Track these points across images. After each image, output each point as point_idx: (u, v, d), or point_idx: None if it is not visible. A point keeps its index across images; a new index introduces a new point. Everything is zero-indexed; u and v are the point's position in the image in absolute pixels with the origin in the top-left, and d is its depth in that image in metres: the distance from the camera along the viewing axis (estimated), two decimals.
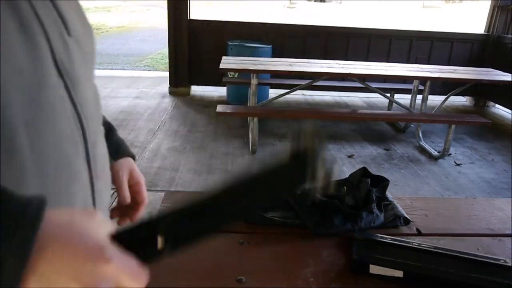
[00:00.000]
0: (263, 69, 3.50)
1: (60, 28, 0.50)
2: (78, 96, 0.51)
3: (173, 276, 0.88)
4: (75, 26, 0.53)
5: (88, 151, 0.53)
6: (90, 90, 0.56)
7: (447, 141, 3.48)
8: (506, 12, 5.19)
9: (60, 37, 0.49)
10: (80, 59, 0.53)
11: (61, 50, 0.49)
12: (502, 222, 1.18)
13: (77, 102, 0.51)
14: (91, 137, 0.53)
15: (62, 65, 0.49)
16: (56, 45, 0.48)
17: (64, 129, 0.48)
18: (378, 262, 0.90)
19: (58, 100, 0.48)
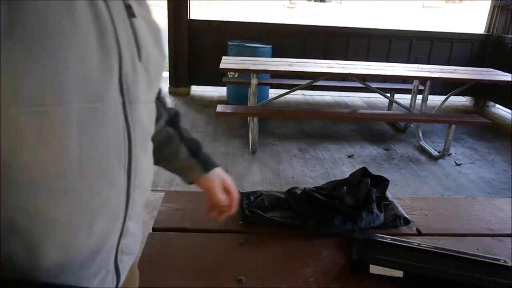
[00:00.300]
0: (263, 69, 3.50)
1: (133, 52, 0.55)
2: (133, 114, 0.56)
3: (173, 276, 0.88)
4: (148, 54, 0.59)
5: (131, 164, 0.57)
6: (146, 111, 0.61)
7: (447, 141, 3.48)
8: (506, 12, 5.19)
9: (131, 60, 0.55)
10: (144, 83, 0.58)
11: (128, 72, 0.54)
12: (502, 222, 1.18)
13: (130, 119, 0.55)
14: (136, 152, 0.58)
15: (126, 84, 0.54)
16: (126, 66, 0.53)
17: (112, 140, 0.53)
18: (378, 262, 0.90)
19: (113, 114, 0.53)
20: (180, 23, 4.85)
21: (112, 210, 0.57)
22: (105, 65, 0.50)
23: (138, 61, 0.56)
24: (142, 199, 0.66)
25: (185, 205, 1.18)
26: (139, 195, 0.62)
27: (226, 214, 0.90)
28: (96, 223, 0.54)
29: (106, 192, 0.54)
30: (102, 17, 0.50)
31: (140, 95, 0.57)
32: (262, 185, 2.85)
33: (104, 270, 0.60)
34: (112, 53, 0.51)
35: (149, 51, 0.59)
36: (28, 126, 0.45)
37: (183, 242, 1.01)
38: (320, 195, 1.12)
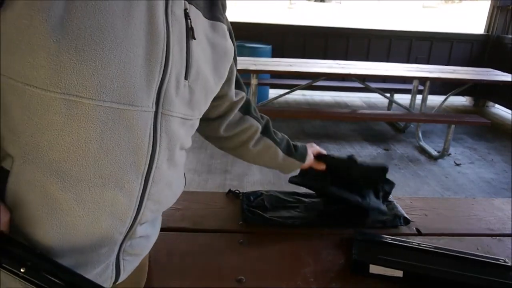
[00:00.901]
0: (263, 69, 3.49)
1: (180, 70, 0.57)
2: (163, 125, 0.57)
3: (173, 276, 0.88)
4: (198, 75, 0.61)
5: (150, 173, 0.58)
6: (182, 126, 0.62)
7: (446, 141, 3.48)
8: (506, 12, 5.20)
9: (176, 76, 0.57)
10: (185, 100, 0.60)
11: (169, 86, 0.56)
12: (501, 222, 1.18)
13: (159, 129, 0.57)
14: (159, 163, 0.59)
15: (163, 97, 0.56)
16: (168, 80, 0.55)
17: (134, 145, 0.55)
18: (378, 262, 0.90)
19: (141, 120, 0.54)
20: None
21: (120, 212, 0.57)
22: (147, 74, 0.53)
23: (184, 79, 0.58)
24: (158, 209, 0.66)
25: (185, 205, 1.18)
26: (153, 206, 0.62)
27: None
28: (101, 217, 0.56)
29: (117, 192, 0.55)
30: (158, 31, 0.53)
31: (176, 109, 0.59)
32: (262, 185, 2.85)
33: (104, 264, 0.61)
34: (156, 65, 0.53)
35: (200, 72, 0.61)
36: (59, 111, 0.48)
37: (183, 242, 1.01)
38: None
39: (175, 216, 1.12)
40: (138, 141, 0.55)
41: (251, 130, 0.93)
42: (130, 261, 0.66)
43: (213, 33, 0.65)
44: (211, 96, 0.70)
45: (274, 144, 0.98)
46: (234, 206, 1.19)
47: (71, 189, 0.52)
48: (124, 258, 0.64)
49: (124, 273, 0.66)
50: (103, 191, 0.54)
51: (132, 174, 0.56)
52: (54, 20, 0.45)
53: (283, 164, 1.02)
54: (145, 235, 0.67)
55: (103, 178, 0.54)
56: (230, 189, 1.27)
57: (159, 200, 0.63)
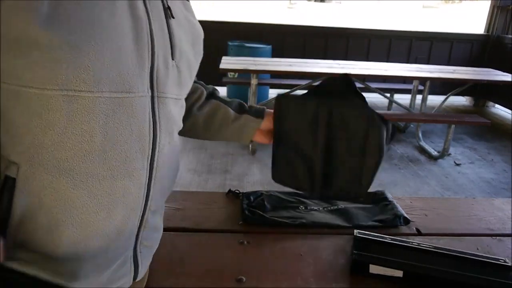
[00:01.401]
0: (263, 69, 3.49)
1: (166, 51, 0.59)
2: (160, 108, 0.59)
3: (173, 276, 0.88)
4: (182, 53, 0.63)
5: (154, 157, 0.59)
6: (175, 106, 0.64)
7: (446, 141, 3.48)
8: (506, 12, 5.20)
9: (164, 58, 0.58)
10: (174, 80, 0.61)
11: (160, 68, 0.57)
12: (501, 222, 1.18)
13: (157, 113, 0.58)
14: (160, 146, 0.60)
15: (156, 80, 0.57)
16: (158, 63, 0.57)
17: (137, 131, 0.55)
18: (378, 262, 0.90)
19: (140, 106, 0.55)
20: None
21: (132, 201, 0.58)
22: (138, 60, 0.54)
23: (171, 59, 0.60)
24: (164, 194, 0.67)
25: (185, 205, 1.18)
26: (160, 189, 0.63)
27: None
28: (115, 209, 0.56)
29: (127, 181, 0.56)
30: (139, 17, 0.54)
31: (169, 91, 0.60)
32: (262, 185, 2.85)
33: (122, 257, 0.61)
34: (145, 50, 0.54)
35: (182, 50, 0.63)
36: (60, 108, 0.48)
37: (183, 242, 1.01)
38: None
39: (175, 216, 1.12)
40: (140, 127, 0.56)
41: (196, 94, 0.88)
42: (145, 254, 0.67)
43: (186, 11, 0.68)
44: (194, 73, 0.71)
45: (222, 104, 0.90)
46: (234, 206, 1.19)
47: (82, 186, 0.52)
48: (141, 251, 0.65)
49: (142, 267, 0.67)
50: (114, 182, 0.55)
51: (139, 161, 0.57)
52: (42, 18, 0.45)
53: (237, 127, 0.88)
54: (155, 226, 0.68)
55: (112, 170, 0.54)
56: (230, 189, 1.27)
57: (164, 184, 0.64)
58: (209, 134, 0.90)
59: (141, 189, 0.58)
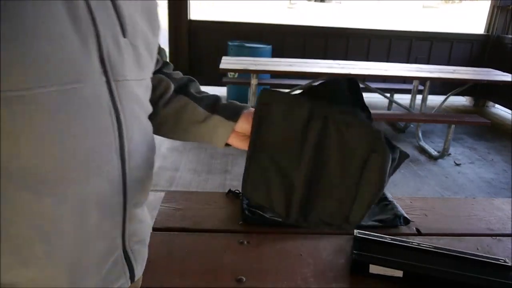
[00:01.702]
0: (263, 69, 3.50)
1: (115, 29, 0.52)
2: (120, 94, 0.53)
3: (173, 276, 0.88)
4: (135, 29, 0.56)
5: (123, 147, 0.54)
6: (139, 88, 0.59)
7: (446, 141, 3.48)
8: (506, 12, 5.19)
9: (113, 37, 0.52)
10: (132, 60, 0.56)
11: (110, 49, 0.51)
12: (501, 222, 1.18)
13: (117, 99, 0.53)
14: (128, 134, 0.55)
15: (109, 64, 0.51)
16: (106, 45, 0.51)
17: (97, 123, 0.50)
18: (378, 262, 0.90)
19: (96, 95, 0.50)
20: (180, 23, 4.85)
21: (106, 199, 0.53)
22: (81, 44, 0.48)
23: (123, 38, 0.54)
24: (143, 184, 0.62)
25: (185, 205, 1.18)
26: (137, 180, 0.59)
27: None
28: (89, 211, 0.52)
29: (98, 180, 0.52)
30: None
31: (127, 73, 0.55)
32: None
33: (110, 262, 0.58)
34: (87, 31, 0.48)
35: (136, 26, 0.57)
36: (5, 114, 0.43)
37: (183, 242, 1.01)
38: None
39: (175, 216, 1.12)
40: (100, 118, 0.51)
41: (160, 88, 0.75)
42: (138, 250, 0.64)
43: None
44: (154, 51, 0.65)
45: (191, 101, 0.75)
46: (234, 206, 1.19)
47: (49, 194, 0.47)
48: (132, 248, 0.62)
49: (137, 265, 0.64)
50: (83, 183, 0.50)
51: (106, 156, 0.52)
52: None
53: (207, 129, 0.75)
54: (141, 220, 0.65)
55: (78, 171, 0.49)
56: (230, 189, 1.27)
57: (140, 174, 0.60)
58: (177, 135, 0.79)
59: (115, 186, 0.54)
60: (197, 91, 0.79)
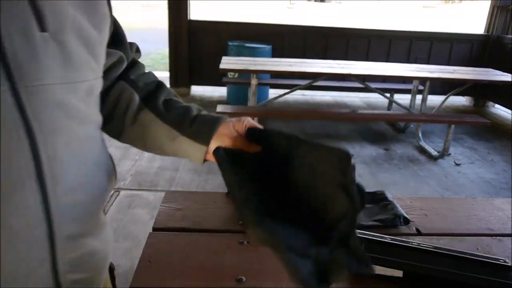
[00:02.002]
0: (263, 69, 3.50)
1: (27, 23, 0.43)
2: (34, 102, 0.44)
3: (173, 276, 0.88)
4: (62, 21, 0.47)
5: (41, 167, 0.45)
6: (67, 93, 0.48)
7: (446, 141, 3.48)
8: (506, 12, 5.19)
9: (22, 33, 0.43)
10: (56, 58, 0.46)
11: (16, 48, 0.42)
12: (501, 222, 1.18)
13: (28, 109, 0.43)
14: (48, 151, 0.45)
15: (15, 64, 0.42)
16: (11, 41, 0.42)
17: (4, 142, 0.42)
18: (378, 262, 0.90)
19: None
20: (180, 23, 4.85)
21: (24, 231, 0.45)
22: None
23: (40, 32, 0.44)
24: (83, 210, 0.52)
25: (185, 205, 1.18)
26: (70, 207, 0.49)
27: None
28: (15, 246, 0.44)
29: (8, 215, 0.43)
30: None
31: (46, 76, 0.45)
32: None
33: None
34: None
35: (65, 19, 0.47)
36: None
37: (183, 242, 1.01)
38: None
39: (175, 216, 1.12)
40: (4, 134, 0.42)
41: (123, 102, 0.67)
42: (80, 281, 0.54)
43: None
44: (98, 47, 0.54)
45: (155, 117, 0.67)
46: (234, 206, 1.19)
47: None
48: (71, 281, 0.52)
49: None
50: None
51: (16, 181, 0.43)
52: None
53: (179, 147, 0.68)
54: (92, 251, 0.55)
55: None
56: None
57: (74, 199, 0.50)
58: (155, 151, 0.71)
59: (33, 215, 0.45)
60: (166, 98, 0.71)
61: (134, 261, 0.92)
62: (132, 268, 0.87)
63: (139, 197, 2.61)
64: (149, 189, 2.73)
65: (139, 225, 2.26)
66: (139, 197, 2.62)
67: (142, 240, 0.99)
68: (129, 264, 1.61)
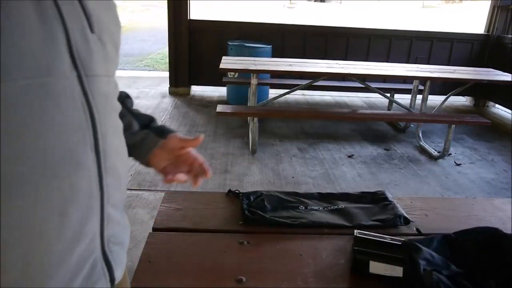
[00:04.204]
0: (263, 69, 3.49)
1: (82, 24, 0.52)
2: (92, 89, 0.52)
3: (173, 276, 0.88)
4: (101, 24, 0.56)
5: (98, 144, 0.54)
6: (108, 85, 0.58)
7: (447, 141, 3.48)
8: (506, 12, 5.19)
9: (81, 32, 0.51)
10: (100, 55, 0.55)
11: (79, 44, 0.51)
12: (501, 222, 1.18)
13: (90, 94, 0.52)
14: (103, 131, 0.54)
15: (79, 57, 0.51)
16: (75, 39, 0.50)
17: (70, 118, 0.50)
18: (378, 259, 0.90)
19: (67, 89, 0.49)
20: (180, 23, 4.85)
21: (85, 196, 0.53)
22: (48, 37, 0.47)
23: (91, 33, 0.53)
24: (119, 184, 0.61)
25: (185, 205, 1.18)
26: (114, 180, 0.58)
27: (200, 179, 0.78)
28: (68, 210, 0.51)
29: (74, 177, 0.51)
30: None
31: (97, 68, 0.54)
32: (262, 185, 2.85)
33: (89, 262, 0.56)
34: (54, 24, 0.48)
35: (102, 22, 0.56)
36: None
37: (183, 242, 1.01)
38: None
39: (175, 216, 1.12)
40: (73, 113, 0.50)
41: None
42: (117, 251, 0.62)
43: None
44: (119, 48, 0.64)
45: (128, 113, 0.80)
46: (234, 206, 1.19)
47: (23, 195, 0.46)
48: (111, 250, 0.60)
49: (117, 268, 0.62)
50: (58, 181, 0.49)
51: (81, 152, 0.51)
52: None
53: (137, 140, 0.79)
54: (119, 222, 0.63)
55: (52, 168, 0.48)
56: (230, 189, 1.27)
57: (117, 173, 0.59)
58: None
59: (92, 182, 0.53)
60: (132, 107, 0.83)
61: (134, 261, 0.92)
62: (132, 268, 0.87)
63: (139, 197, 2.61)
64: (149, 189, 2.73)
65: (139, 225, 2.26)
66: (139, 197, 2.62)
67: (142, 240, 0.99)
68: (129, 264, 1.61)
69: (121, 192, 0.63)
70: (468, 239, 0.95)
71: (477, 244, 0.94)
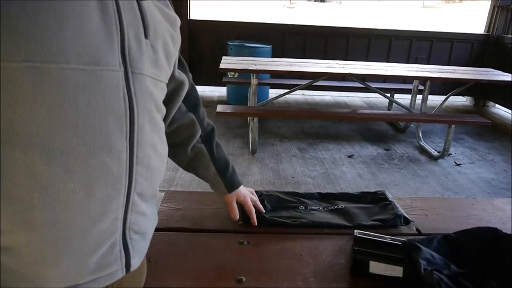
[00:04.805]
0: (263, 69, 3.49)
1: (138, 30, 0.58)
2: (135, 85, 0.57)
3: (173, 276, 0.88)
4: (157, 33, 0.62)
5: (133, 134, 0.58)
6: (154, 87, 0.63)
7: (447, 141, 3.48)
8: (506, 12, 5.19)
9: (135, 36, 0.57)
10: (150, 59, 0.61)
11: (132, 45, 0.57)
12: (501, 222, 1.18)
13: (132, 89, 0.57)
14: (139, 123, 0.58)
15: (129, 55, 0.56)
16: (129, 39, 0.56)
17: (111, 106, 0.54)
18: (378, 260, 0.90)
19: (112, 80, 0.54)
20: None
21: (113, 178, 0.56)
22: (106, 35, 0.53)
23: (144, 38, 0.59)
24: (150, 177, 0.64)
25: (185, 205, 1.18)
26: (144, 170, 0.61)
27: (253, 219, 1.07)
28: (95, 187, 0.54)
29: (105, 158, 0.55)
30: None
31: (144, 68, 0.59)
32: (262, 185, 2.85)
33: (110, 241, 0.59)
34: (112, 25, 0.54)
35: (158, 32, 0.62)
36: (26, 81, 0.47)
37: (183, 242, 1.01)
38: None
39: (175, 216, 1.12)
40: (114, 102, 0.55)
41: (191, 130, 0.93)
42: (137, 240, 0.65)
43: (158, 1, 0.68)
44: (172, 59, 0.72)
45: (208, 156, 0.98)
46: None
47: (56, 162, 0.51)
48: (131, 237, 0.63)
49: (135, 256, 0.65)
50: (90, 158, 0.53)
51: (116, 137, 0.55)
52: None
53: (210, 181, 1.04)
54: (144, 213, 0.65)
55: (87, 145, 0.52)
56: None
57: (148, 165, 0.62)
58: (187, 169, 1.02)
59: (122, 167, 0.57)
60: (218, 144, 1.01)
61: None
62: None
63: None
64: None
65: None
66: None
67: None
68: None
69: (151, 184, 0.66)
70: (468, 239, 0.96)
71: (477, 244, 0.94)
